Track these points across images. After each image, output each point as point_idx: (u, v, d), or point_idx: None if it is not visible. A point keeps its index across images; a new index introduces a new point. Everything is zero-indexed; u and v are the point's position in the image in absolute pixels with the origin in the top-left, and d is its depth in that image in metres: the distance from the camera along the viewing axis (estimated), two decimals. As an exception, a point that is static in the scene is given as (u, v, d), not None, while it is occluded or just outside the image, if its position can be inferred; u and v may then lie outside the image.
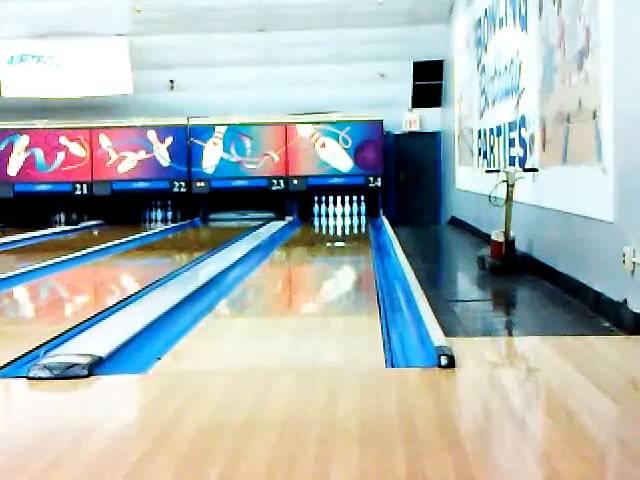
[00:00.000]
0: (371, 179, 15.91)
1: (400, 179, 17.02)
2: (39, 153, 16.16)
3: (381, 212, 15.92)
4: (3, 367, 4.52)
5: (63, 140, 16.13)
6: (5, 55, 16.09)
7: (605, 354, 4.77)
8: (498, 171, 8.77)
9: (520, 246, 8.26)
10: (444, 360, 4.29)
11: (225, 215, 16.40)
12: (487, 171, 9.39)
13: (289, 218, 15.70)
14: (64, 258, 9.58)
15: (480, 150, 11.84)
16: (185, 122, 16.09)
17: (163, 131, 16.08)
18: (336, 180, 15.96)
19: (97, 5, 15.20)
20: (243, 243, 11.18)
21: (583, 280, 6.47)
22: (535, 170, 8.00)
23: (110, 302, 6.80)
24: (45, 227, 15.19)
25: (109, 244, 11.42)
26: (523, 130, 8.69)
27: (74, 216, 16.53)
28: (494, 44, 10.53)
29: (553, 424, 3.55)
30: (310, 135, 16.00)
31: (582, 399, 3.85)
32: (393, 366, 4.53)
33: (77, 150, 16.14)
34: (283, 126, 16.03)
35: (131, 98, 16.36)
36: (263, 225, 14.44)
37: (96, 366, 4.35)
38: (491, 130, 10.79)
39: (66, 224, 16.19)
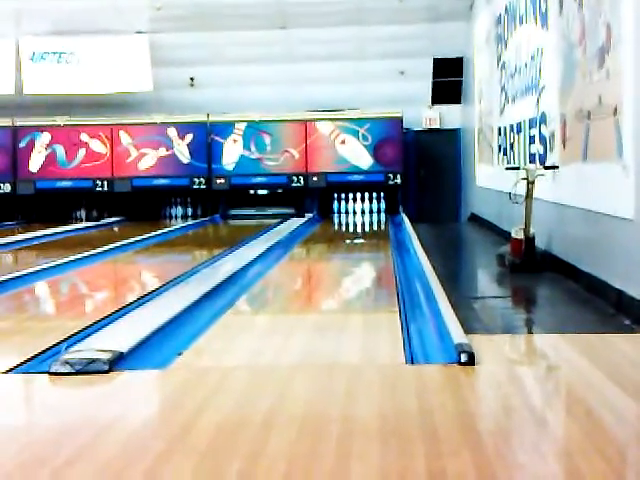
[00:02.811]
0: (391, 176, 15.90)
1: (421, 174, 16.99)
2: (60, 150, 16.24)
3: (401, 209, 15.89)
4: (25, 362, 4.56)
5: (84, 137, 16.20)
6: (27, 52, 16.16)
7: (626, 352, 4.75)
8: (518, 168, 8.75)
9: (540, 243, 8.24)
10: (464, 357, 4.28)
11: (245, 211, 16.43)
12: (507, 168, 9.37)
13: (309, 215, 15.70)
14: (85, 254, 9.63)
15: (500, 147, 11.80)
16: (205, 119, 16.13)
17: (183, 128, 16.12)
18: (356, 177, 15.95)
19: (117, 3, 15.25)
20: (262, 240, 11.19)
21: (604, 278, 6.44)
22: (555, 167, 7.97)
23: (131, 298, 6.84)
24: (66, 223, 15.27)
25: (129, 240, 11.46)
26: (543, 127, 8.67)
27: (95, 213, 16.60)
28: (514, 41, 10.50)
29: (573, 422, 3.53)
30: (330, 132, 16.00)
31: (602, 397, 3.83)
32: (413, 363, 4.52)
33: (98, 147, 16.21)
34: (303, 123, 16.04)
35: (151, 95, 16.40)
36: (282, 222, 14.44)
37: (117, 361, 4.37)
38: (511, 127, 10.76)
39: (87, 220, 16.27)
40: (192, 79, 16.75)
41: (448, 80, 16.57)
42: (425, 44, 16.01)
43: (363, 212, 16.22)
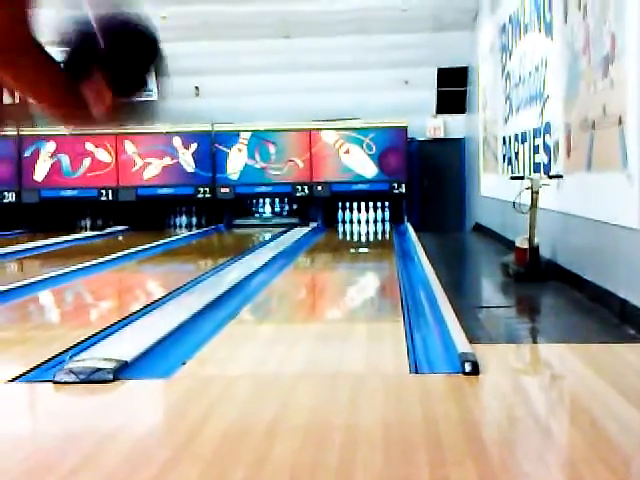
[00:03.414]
0: (395, 185, 15.90)
1: (424, 184, 16.98)
2: (65, 159, 16.27)
3: (405, 218, 15.89)
4: (29, 371, 4.56)
5: (89, 146, 16.23)
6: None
7: (630, 362, 4.74)
8: (522, 178, 8.75)
9: (544, 253, 8.23)
10: (468, 366, 4.28)
11: (249, 221, 16.45)
12: (512, 177, 9.36)
13: (313, 224, 15.71)
14: (89, 263, 9.63)
15: (504, 157, 11.80)
16: (210, 128, 16.16)
17: (188, 137, 16.15)
18: (360, 186, 15.96)
19: (123, 12, 15.27)
20: (267, 249, 11.20)
21: (608, 287, 6.43)
22: (560, 177, 7.97)
23: (135, 307, 6.84)
24: (71, 232, 15.28)
25: (134, 250, 11.47)
26: (547, 137, 8.67)
27: (99, 222, 16.62)
28: (519, 50, 10.51)
29: (578, 431, 3.53)
30: (334, 141, 16.01)
31: (607, 407, 3.83)
32: (417, 372, 4.52)
33: (103, 156, 16.24)
34: (307, 132, 16.06)
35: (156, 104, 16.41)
36: (287, 231, 14.45)
37: (121, 370, 4.37)
38: (516, 136, 10.77)
39: (91, 229, 16.29)
40: (197, 88, 16.78)
41: (452, 90, 16.58)
42: (429, 53, 16.03)
43: (367, 221, 16.22)
